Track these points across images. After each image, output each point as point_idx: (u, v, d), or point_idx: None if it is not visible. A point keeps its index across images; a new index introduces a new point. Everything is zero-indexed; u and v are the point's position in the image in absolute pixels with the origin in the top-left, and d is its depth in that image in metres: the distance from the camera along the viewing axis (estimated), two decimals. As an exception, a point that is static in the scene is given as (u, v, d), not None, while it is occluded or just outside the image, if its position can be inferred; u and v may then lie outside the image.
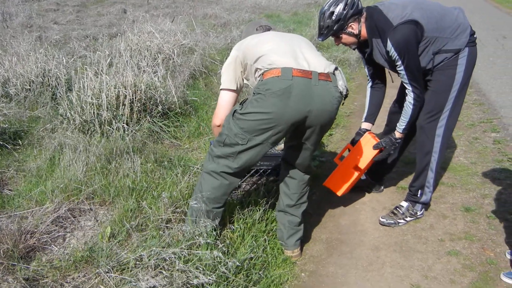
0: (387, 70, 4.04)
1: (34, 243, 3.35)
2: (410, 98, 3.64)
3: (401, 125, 3.79)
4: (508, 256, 3.56)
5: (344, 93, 3.06)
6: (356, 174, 3.99)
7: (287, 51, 3.06)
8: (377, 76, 4.13)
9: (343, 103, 3.18)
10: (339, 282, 3.41)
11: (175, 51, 7.86)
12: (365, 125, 4.21)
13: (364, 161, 3.97)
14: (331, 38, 3.76)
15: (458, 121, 3.94)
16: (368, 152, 3.96)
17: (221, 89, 3.30)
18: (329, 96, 2.99)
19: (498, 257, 3.65)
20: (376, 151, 3.93)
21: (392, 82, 4.12)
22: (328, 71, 3.03)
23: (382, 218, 4.11)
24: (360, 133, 4.16)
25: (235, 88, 3.27)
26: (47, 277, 3.00)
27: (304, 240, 3.76)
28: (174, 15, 12.72)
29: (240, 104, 3.11)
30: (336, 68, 3.10)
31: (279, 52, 3.05)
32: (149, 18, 10.41)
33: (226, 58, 3.35)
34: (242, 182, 4.20)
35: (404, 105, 3.71)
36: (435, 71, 3.71)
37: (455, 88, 3.73)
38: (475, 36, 3.73)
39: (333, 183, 4.07)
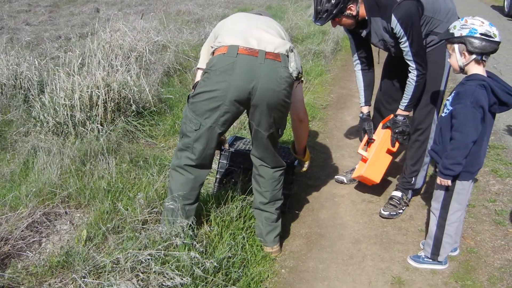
0: (375, 51, 4.11)
1: (9, 249, 3.28)
2: (413, 75, 3.65)
3: (404, 102, 3.81)
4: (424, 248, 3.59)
5: (294, 75, 3.06)
6: (391, 157, 4.08)
7: (240, 31, 3.09)
8: (366, 59, 4.17)
9: (301, 82, 3.22)
10: (319, 277, 3.39)
11: (148, 49, 7.79)
12: (366, 109, 4.27)
13: (394, 144, 4.01)
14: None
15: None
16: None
17: (197, 68, 3.39)
18: (275, 75, 2.99)
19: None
20: None
21: (378, 63, 4.20)
22: (279, 52, 3.04)
23: (383, 211, 4.10)
24: (367, 118, 4.23)
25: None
26: (23, 284, 2.95)
27: (283, 235, 3.74)
28: (147, 12, 12.63)
29: (193, 87, 3.18)
30: (291, 50, 3.10)
31: (230, 31, 3.10)
32: (122, 16, 10.30)
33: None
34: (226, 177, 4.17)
35: (407, 82, 3.72)
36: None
37: (445, 76, 3.86)
38: None
39: (371, 173, 4.07)
